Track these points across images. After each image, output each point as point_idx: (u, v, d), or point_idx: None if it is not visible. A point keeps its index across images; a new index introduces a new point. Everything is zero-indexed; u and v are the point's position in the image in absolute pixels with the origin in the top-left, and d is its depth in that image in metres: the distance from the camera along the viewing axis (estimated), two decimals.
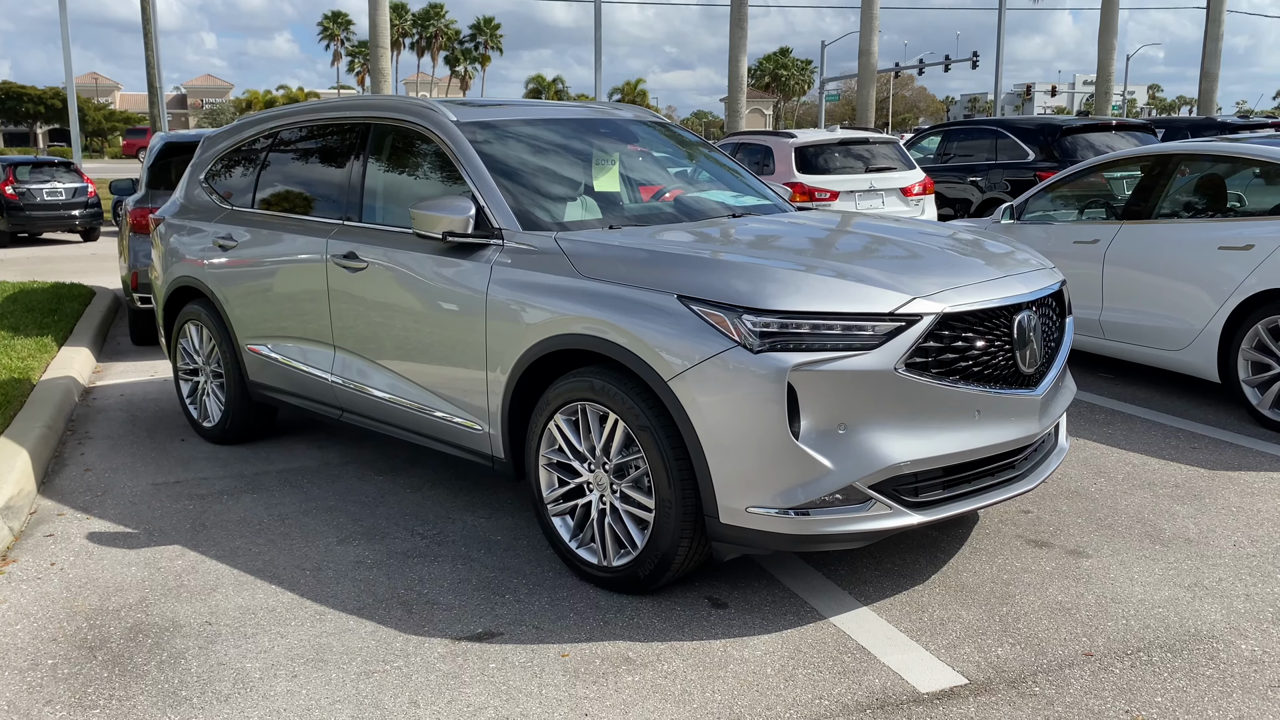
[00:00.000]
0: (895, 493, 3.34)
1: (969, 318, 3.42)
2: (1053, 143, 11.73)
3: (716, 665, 3.17)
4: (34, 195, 18.37)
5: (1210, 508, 4.42)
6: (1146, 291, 6.22)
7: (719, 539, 3.40)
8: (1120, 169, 7.03)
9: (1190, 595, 3.60)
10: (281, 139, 5.36)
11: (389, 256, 4.39)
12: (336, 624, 3.49)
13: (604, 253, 3.73)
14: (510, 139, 4.49)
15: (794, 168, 10.75)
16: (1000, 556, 3.95)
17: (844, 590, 3.67)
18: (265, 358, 5.20)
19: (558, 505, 3.81)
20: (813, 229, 4.32)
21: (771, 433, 3.21)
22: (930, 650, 3.24)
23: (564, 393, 3.67)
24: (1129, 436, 5.46)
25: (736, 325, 3.25)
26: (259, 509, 4.63)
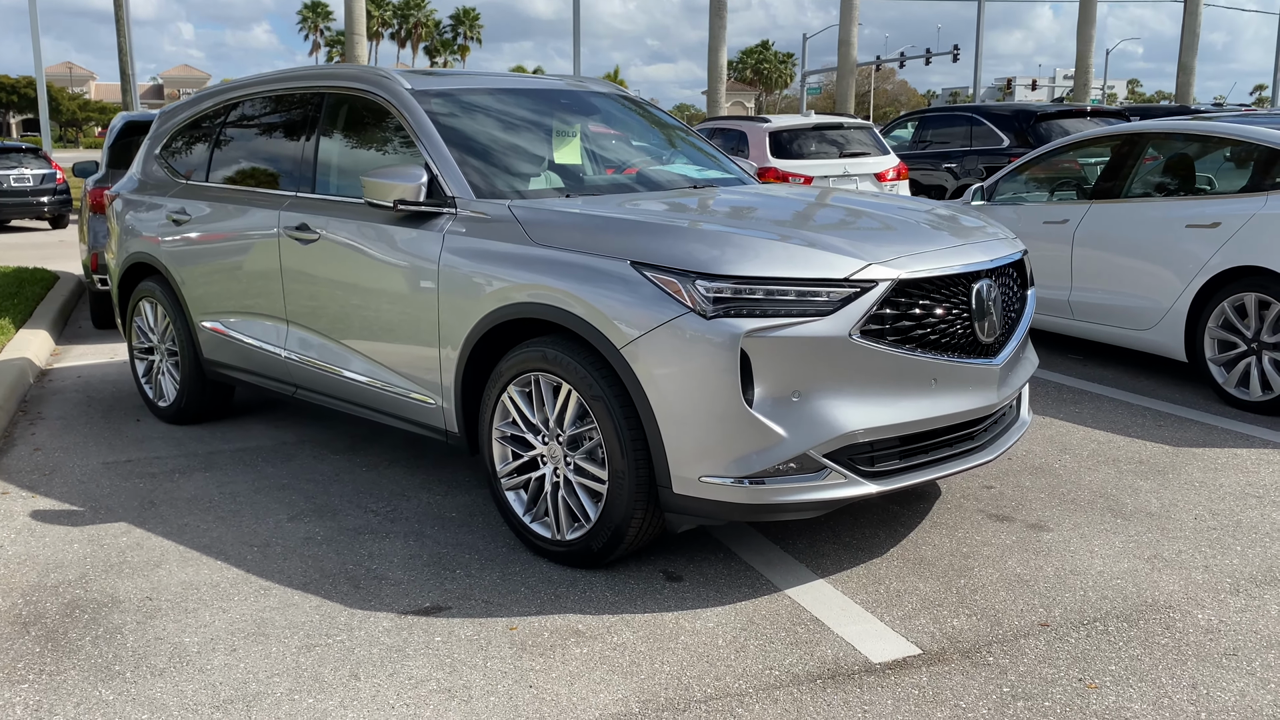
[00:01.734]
0: (851, 462, 3.28)
1: (926, 285, 3.36)
2: (1027, 129, 11.72)
3: (667, 637, 3.10)
4: (1, 182, 18.09)
5: (1173, 483, 4.39)
6: (1115, 271, 6.19)
7: (673, 510, 3.33)
8: (1091, 149, 6.99)
9: (1149, 567, 3.56)
10: (237, 111, 5.25)
11: (341, 227, 4.30)
12: (281, 599, 3.41)
13: (557, 220, 3.65)
14: (467, 108, 4.40)
15: (768, 152, 10.69)
16: (960, 530, 3.90)
17: (801, 563, 3.61)
18: (219, 334, 5.09)
19: (511, 479, 3.73)
20: (772, 199, 4.25)
21: (724, 400, 3.14)
22: (885, 621, 3.19)
23: (517, 364, 3.59)
24: (1095, 415, 5.43)
25: (689, 291, 3.18)
26: (210, 487, 4.53)
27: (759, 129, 10.95)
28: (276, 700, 2.78)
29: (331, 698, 2.79)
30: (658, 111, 5.40)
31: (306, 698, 2.79)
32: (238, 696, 2.79)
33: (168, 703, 2.77)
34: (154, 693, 2.82)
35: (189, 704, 2.76)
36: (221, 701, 2.77)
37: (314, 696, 2.79)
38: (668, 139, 5.16)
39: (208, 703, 2.77)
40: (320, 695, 2.80)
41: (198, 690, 2.83)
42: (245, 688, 2.85)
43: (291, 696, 2.79)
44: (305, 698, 2.79)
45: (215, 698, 2.79)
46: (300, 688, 2.84)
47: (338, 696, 2.79)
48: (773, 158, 10.63)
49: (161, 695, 2.81)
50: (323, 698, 2.79)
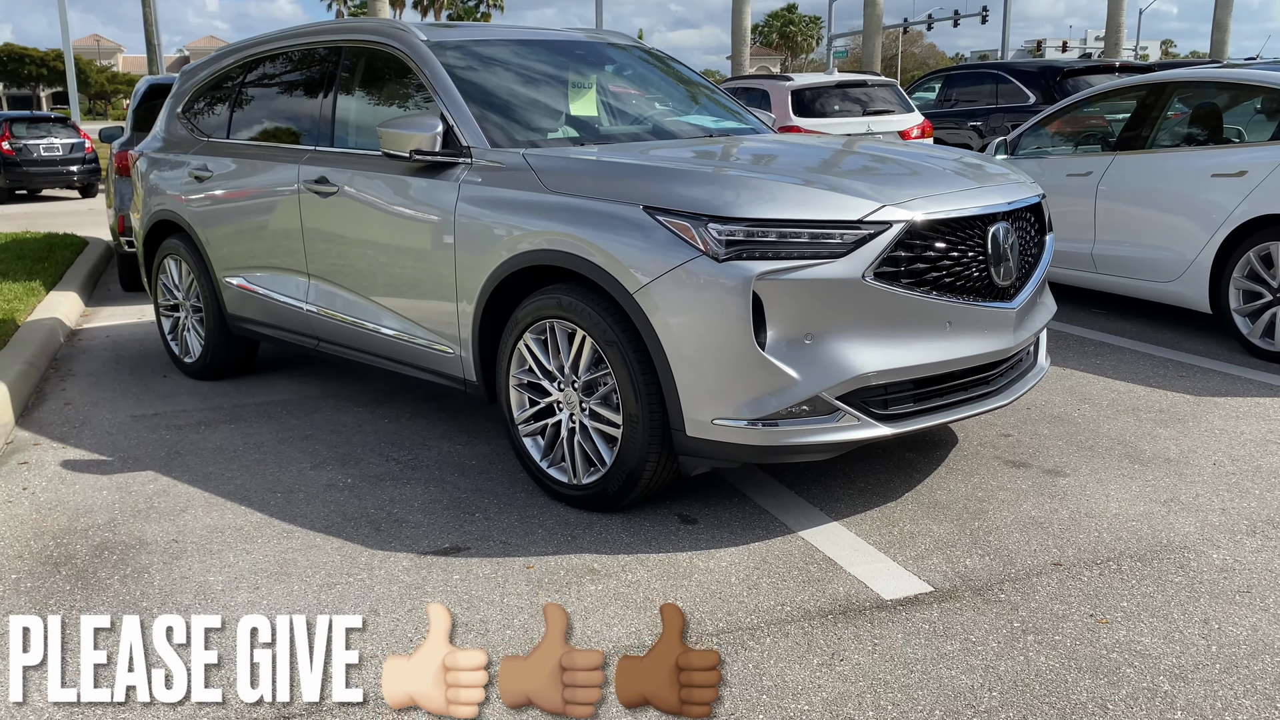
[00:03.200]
0: (864, 404, 3.29)
1: (941, 227, 3.35)
2: (1054, 85, 11.55)
3: (681, 575, 3.14)
4: (31, 151, 18.31)
5: (1193, 430, 4.37)
6: (1138, 223, 6.13)
7: (686, 452, 3.36)
8: (1116, 99, 6.89)
9: (1165, 510, 3.55)
10: (257, 68, 5.28)
11: (359, 179, 4.33)
12: (303, 541, 3.47)
13: (571, 166, 3.67)
14: (483, 59, 4.41)
15: (790, 111, 10.61)
16: (976, 476, 3.90)
17: (815, 507, 3.63)
18: (243, 290, 5.15)
19: (528, 425, 3.77)
20: (788, 146, 4.24)
21: (736, 343, 3.16)
22: (898, 561, 3.21)
23: (532, 311, 3.62)
24: (1117, 366, 5.40)
25: (702, 234, 3.19)
26: (235, 438, 4.61)
27: (781, 87, 10.87)
28: None
29: (351, 632, 2.84)
30: (675, 63, 5.38)
31: (278, 616, 2.84)
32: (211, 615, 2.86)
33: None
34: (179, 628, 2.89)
35: (212, 637, 2.83)
36: (242, 635, 2.84)
37: (285, 615, 2.85)
38: (685, 90, 5.15)
39: (230, 636, 2.83)
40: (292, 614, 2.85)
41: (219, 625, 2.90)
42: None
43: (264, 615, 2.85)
44: (277, 615, 2.84)
45: (237, 632, 2.86)
46: None
47: (357, 630, 2.85)
48: (795, 116, 10.56)
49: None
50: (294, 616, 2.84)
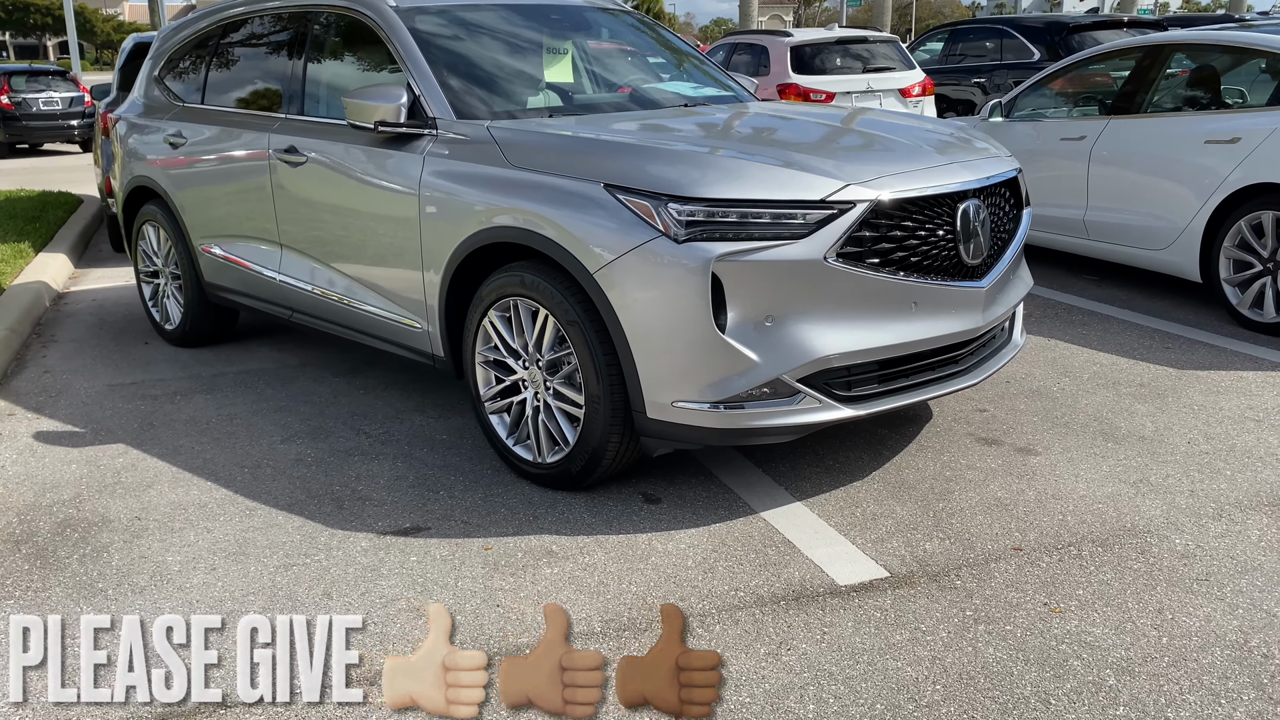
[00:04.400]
0: (826, 386, 3.26)
1: (908, 206, 3.29)
2: (1059, 42, 11.33)
3: (638, 558, 3.13)
4: (30, 105, 18.20)
5: (1171, 406, 4.32)
6: (1131, 189, 6.02)
7: (648, 434, 3.33)
8: (1112, 62, 6.75)
9: (1134, 492, 3.52)
10: (231, 32, 5.20)
11: (327, 149, 4.27)
12: (265, 519, 3.47)
13: (534, 141, 3.60)
14: (453, 25, 4.32)
15: (789, 68, 10.45)
16: (946, 454, 3.87)
17: (780, 486, 3.61)
18: (218, 258, 5.11)
19: (495, 403, 3.75)
20: (762, 118, 4.15)
21: (696, 325, 3.12)
22: (856, 544, 3.19)
23: (496, 288, 3.58)
24: (1103, 337, 5.33)
25: (661, 214, 3.13)
26: (209, 409, 4.60)
27: (780, 43, 10.70)
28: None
29: (302, 616, 2.85)
30: (658, 27, 5.27)
31: (278, 616, 2.85)
32: (212, 614, 2.86)
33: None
34: (131, 610, 2.90)
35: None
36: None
37: (285, 614, 2.85)
38: (666, 56, 5.04)
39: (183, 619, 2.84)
40: (292, 613, 2.86)
41: (174, 608, 2.91)
42: (220, 605, 2.92)
43: (264, 614, 2.86)
44: (276, 616, 2.85)
45: (190, 614, 2.86)
46: (273, 606, 2.91)
47: (308, 614, 2.85)
48: (794, 73, 10.40)
49: (140, 613, 2.89)
50: (294, 616, 2.85)
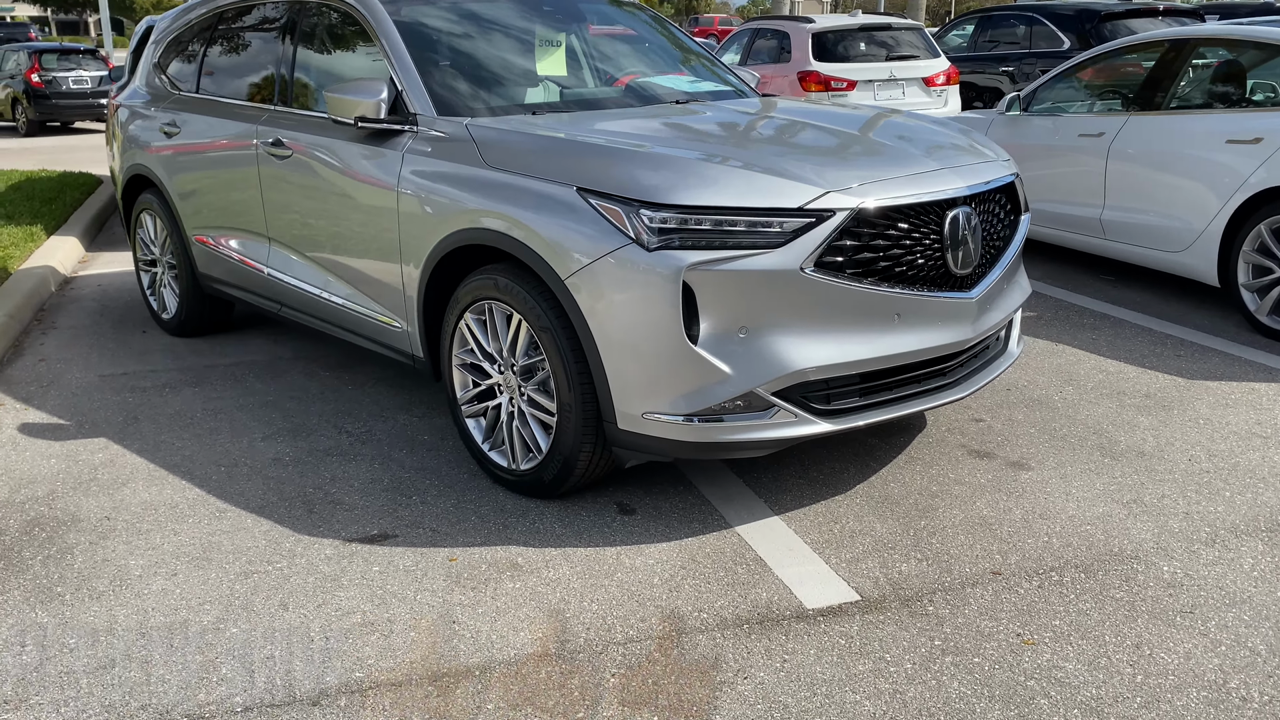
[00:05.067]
0: (803, 400, 3.15)
1: (892, 213, 3.16)
2: (1091, 30, 11.05)
3: (604, 574, 3.05)
4: (60, 84, 18.32)
5: (1175, 419, 4.16)
6: (1149, 189, 5.83)
7: (619, 445, 3.25)
8: (1134, 55, 6.53)
9: (1125, 513, 3.39)
10: (226, 19, 5.14)
11: (311, 144, 4.20)
12: (233, 522, 3.43)
13: (511, 140, 3.51)
14: (441, 17, 4.23)
15: (810, 55, 10.27)
16: (935, 467, 3.75)
17: (760, 499, 3.51)
18: (211, 249, 5.08)
19: (471, 406, 3.68)
20: (752, 117, 4.02)
21: (667, 336, 3.02)
22: (830, 564, 3.09)
23: (472, 291, 3.50)
24: (1112, 342, 5.17)
25: (633, 221, 3.03)
26: (196, 403, 4.57)
27: (802, 30, 10.50)
28: (202, 629, 2.80)
29: (256, 628, 2.80)
30: (657, 18, 5.15)
31: (231, 627, 2.80)
32: (165, 624, 2.82)
33: (97, 627, 2.81)
34: (87, 617, 2.87)
35: (117, 629, 2.80)
36: (148, 628, 2.80)
37: (239, 626, 2.81)
38: (664, 49, 4.92)
39: (135, 628, 2.80)
40: (245, 625, 2.81)
41: (129, 615, 2.87)
42: (175, 614, 2.87)
43: (217, 626, 2.81)
44: (230, 627, 2.80)
45: (143, 624, 2.83)
46: (228, 616, 2.86)
47: (262, 627, 2.80)
48: (815, 61, 10.22)
49: (93, 619, 2.85)
50: (247, 628, 2.80)
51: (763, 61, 11.05)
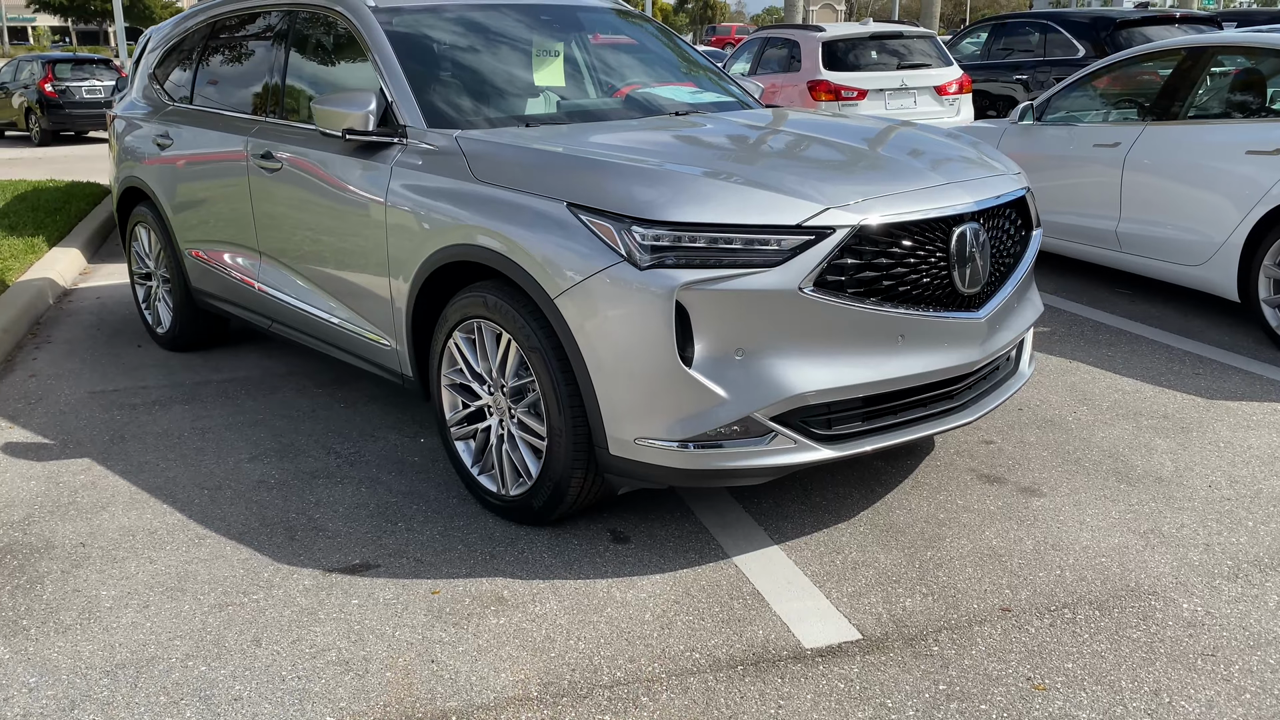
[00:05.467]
0: (803, 425, 3.01)
1: (895, 230, 3.02)
2: (1106, 38, 10.86)
3: (593, 609, 2.91)
4: (73, 93, 18.36)
5: (1195, 442, 4.00)
6: (1166, 200, 5.66)
7: (611, 471, 3.11)
8: (1151, 64, 6.37)
9: (1142, 544, 3.23)
10: (218, 30, 5.04)
11: (301, 156, 4.09)
12: (212, 549, 3.30)
13: (501, 154, 3.38)
14: (435, 27, 4.11)
15: (820, 64, 10.13)
16: (943, 493, 3.60)
17: (760, 527, 3.37)
18: (203, 263, 4.97)
19: (461, 428, 3.55)
20: (752, 130, 3.88)
21: (659, 358, 2.88)
22: (831, 599, 2.94)
23: (461, 309, 3.38)
24: (1129, 360, 5.00)
25: (624, 238, 2.90)
26: (185, 421, 4.46)
27: (812, 39, 10.37)
28: (169, 666, 2.67)
29: (225, 666, 2.67)
30: (658, 27, 5.02)
31: (200, 665, 2.68)
32: (131, 660, 2.70)
33: (59, 664, 2.69)
34: (50, 653, 2.74)
35: (80, 666, 2.68)
36: (114, 665, 2.68)
37: (207, 664, 2.68)
38: (665, 59, 4.79)
39: (100, 666, 2.68)
40: (214, 663, 2.68)
41: (94, 651, 2.75)
42: (143, 650, 2.75)
43: (185, 663, 2.69)
44: (199, 665, 2.68)
45: (110, 660, 2.70)
46: (198, 653, 2.73)
47: (232, 665, 2.68)
48: (825, 70, 10.08)
49: (57, 656, 2.73)
50: (216, 665, 2.67)
51: (773, 70, 10.93)
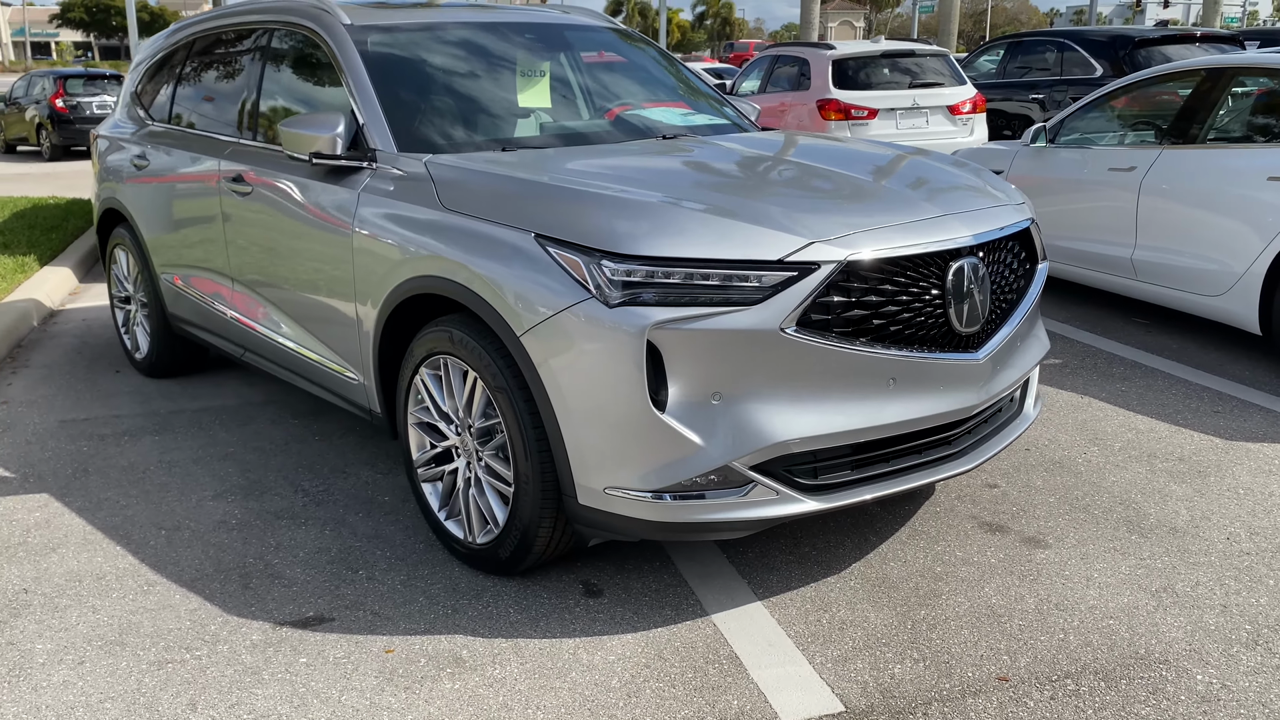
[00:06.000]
0: (786, 474, 2.79)
1: (886, 266, 2.81)
2: (1124, 57, 10.62)
3: (557, 673, 2.70)
4: (84, 109, 18.36)
5: (1213, 488, 3.76)
6: (1184, 228, 5.43)
7: (580, 522, 2.90)
8: (1168, 85, 6.14)
9: (1154, 604, 2.99)
10: (196, 48, 4.89)
11: (271, 180, 3.92)
12: (160, 598, 3.11)
13: (470, 181, 3.19)
14: (413, 46, 3.93)
15: (830, 82, 9.94)
16: (942, 543, 3.38)
17: (743, 580, 3.15)
18: (178, 288, 4.81)
19: (428, 469, 3.35)
20: (742, 155, 3.67)
21: (630, 402, 2.68)
22: (815, 664, 2.72)
23: (427, 344, 3.19)
24: (1143, 396, 4.76)
25: (593, 273, 2.70)
26: (153, 453, 4.28)
27: (821, 56, 10.18)
28: None
29: None
30: (650, 47, 4.84)
31: None
32: None
33: None
34: None
35: None
36: None
37: None
38: (656, 79, 4.60)
39: None
40: None
41: (19, 715, 2.55)
42: (70, 714, 2.55)
43: None
44: None
45: None
46: (130, 716, 2.54)
47: None
48: (835, 88, 9.89)
49: None
50: None
51: (783, 89, 10.74)
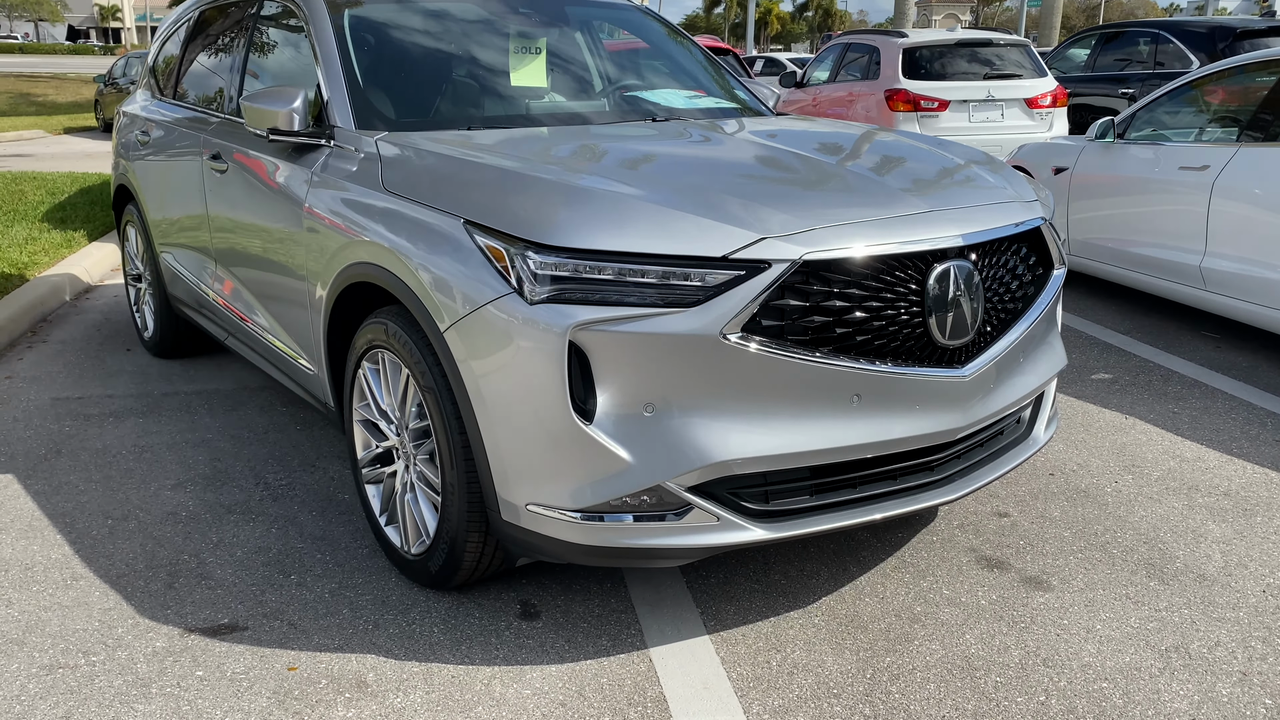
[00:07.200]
0: (731, 498, 2.48)
1: (853, 267, 2.47)
2: (1225, 50, 9.87)
3: (462, 706, 2.44)
4: None
5: (1258, 530, 3.31)
6: (1260, 233, 4.90)
7: (504, 539, 2.64)
8: (1250, 76, 5.58)
9: (1160, 665, 2.59)
10: (199, 22, 4.76)
11: (242, 157, 3.75)
12: (79, 595, 2.95)
13: (410, 161, 2.94)
14: (396, 17, 3.71)
15: (900, 72, 9.46)
16: (929, 578, 3.02)
17: (696, 607, 2.85)
18: (175, 267, 4.69)
19: (371, 470, 3.13)
20: (730, 140, 3.34)
21: (550, 411, 2.40)
22: (750, 713, 2.41)
23: (366, 336, 2.96)
24: (1197, 419, 4.29)
25: (515, 265, 2.43)
26: (131, 437, 4.16)
27: (892, 44, 9.71)
28: None
29: None
30: (662, 23, 4.52)
31: None
32: None
33: None
34: None
35: None
36: None
37: None
38: (665, 58, 4.30)
39: None
40: None
41: None
42: None
43: None
44: None
45: None
46: None
47: None
48: (904, 78, 9.41)
49: None
50: None
51: (854, 78, 10.29)
